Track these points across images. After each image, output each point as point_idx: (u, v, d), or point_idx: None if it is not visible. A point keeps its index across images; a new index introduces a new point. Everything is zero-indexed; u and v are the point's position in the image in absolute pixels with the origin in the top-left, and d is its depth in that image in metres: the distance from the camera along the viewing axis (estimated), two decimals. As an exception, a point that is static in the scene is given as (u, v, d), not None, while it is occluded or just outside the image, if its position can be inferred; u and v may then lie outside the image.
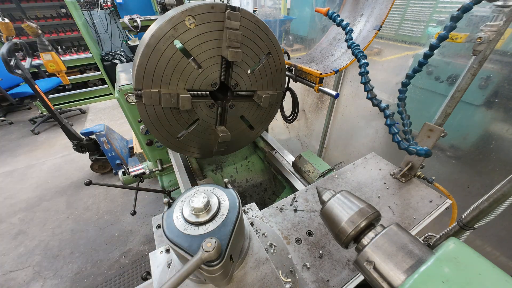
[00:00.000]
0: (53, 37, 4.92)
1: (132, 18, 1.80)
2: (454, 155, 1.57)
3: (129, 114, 1.73)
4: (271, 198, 1.90)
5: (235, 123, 1.32)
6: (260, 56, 1.16)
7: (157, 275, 0.64)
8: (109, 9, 5.50)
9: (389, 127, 0.88)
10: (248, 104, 1.29)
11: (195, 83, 1.06)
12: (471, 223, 0.75)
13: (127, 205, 2.96)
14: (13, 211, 2.93)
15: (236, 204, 0.52)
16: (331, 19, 1.06)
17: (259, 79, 1.22)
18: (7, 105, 5.03)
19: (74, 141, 3.02)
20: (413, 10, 1.61)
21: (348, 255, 0.86)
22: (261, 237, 0.82)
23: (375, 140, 2.11)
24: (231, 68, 1.11)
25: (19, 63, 2.55)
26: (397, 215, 1.00)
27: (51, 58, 2.60)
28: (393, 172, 1.18)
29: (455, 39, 0.91)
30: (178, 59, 0.97)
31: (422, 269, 0.42)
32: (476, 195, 1.50)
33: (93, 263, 2.36)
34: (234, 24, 0.98)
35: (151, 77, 0.96)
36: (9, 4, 4.46)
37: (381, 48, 1.88)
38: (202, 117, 1.19)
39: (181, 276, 0.38)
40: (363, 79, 0.90)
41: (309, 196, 1.10)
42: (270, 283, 0.56)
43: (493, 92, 1.31)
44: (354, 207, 0.55)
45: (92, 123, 4.80)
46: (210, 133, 1.27)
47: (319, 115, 2.65)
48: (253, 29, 1.07)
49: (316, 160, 1.45)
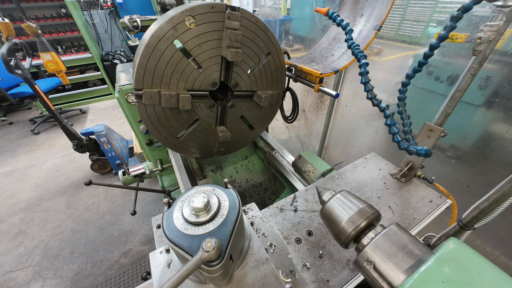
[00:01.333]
0: (53, 37, 4.92)
1: (132, 18, 1.80)
2: (454, 155, 1.57)
3: (129, 114, 1.73)
4: (271, 198, 1.90)
5: (235, 123, 1.32)
6: (260, 56, 1.16)
7: (157, 275, 0.64)
8: (109, 9, 5.50)
9: (389, 127, 0.88)
10: (248, 104, 1.29)
11: (195, 83, 1.06)
12: (471, 223, 0.75)
13: (127, 205, 2.96)
14: (13, 211, 2.93)
15: (236, 204, 0.52)
16: (331, 19, 1.06)
17: (259, 79, 1.22)
18: (7, 105, 5.03)
19: (74, 141, 3.02)
20: (413, 10, 1.61)
21: (348, 255, 0.86)
22: (261, 237, 0.82)
23: (375, 140, 2.11)
24: (231, 68, 1.11)
25: (19, 63, 2.55)
26: (397, 215, 1.00)
27: (51, 58, 2.60)
28: (393, 172, 1.18)
29: (455, 39, 0.91)
30: (178, 59, 0.97)
31: (422, 269, 0.42)
32: (476, 195, 1.50)
33: (93, 263, 2.36)
34: (234, 24, 0.98)
35: (151, 77, 0.96)
36: (9, 4, 4.46)
37: (381, 48, 1.88)
38: (202, 117, 1.19)
39: (181, 276, 0.38)
40: (363, 79, 0.90)
41: (309, 196, 1.10)
42: (270, 283, 0.56)
43: (493, 92, 1.31)
44: (354, 207, 0.55)
45: (92, 123, 4.80)
46: (210, 133, 1.27)
47: (319, 115, 2.65)
48: (253, 29, 1.07)
49: (316, 160, 1.45)
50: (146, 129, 1.77)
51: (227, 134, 1.23)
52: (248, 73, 1.17)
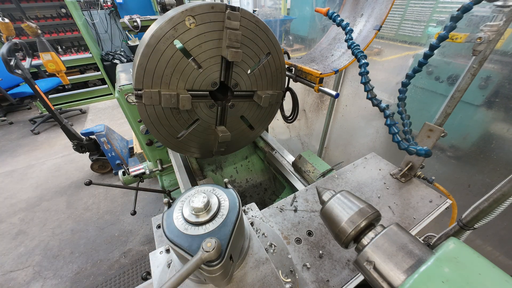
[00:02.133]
0: (53, 37, 4.92)
1: (132, 18, 1.80)
2: (454, 155, 1.57)
3: (129, 114, 1.73)
4: (271, 198, 1.90)
5: (235, 123, 1.32)
6: (260, 56, 1.16)
7: (157, 275, 0.64)
8: (109, 9, 5.50)
9: (389, 127, 0.88)
10: (248, 104, 1.29)
11: (195, 83, 1.06)
12: (471, 223, 0.75)
13: (127, 205, 2.96)
14: (13, 211, 2.93)
15: (236, 204, 0.52)
16: (331, 19, 1.05)
17: (259, 79, 1.22)
18: (7, 105, 5.03)
19: (74, 141, 3.02)
20: (413, 10, 1.60)
21: (348, 255, 0.86)
22: (261, 237, 0.82)
23: (375, 140, 2.11)
24: (231, 68, 1.11)
25: (19, 63, 2.55)
26: (397, 215, 1.00)
27: (51, 58, 2.60)
28: (393, 172, 1.18)
29: (455, 39, 0.91)
30: (178, 59, 0.97)
31: (422, 269, 0.42)
32: (476, 195, 1.50)
33: (93, 263, 2.36)
34: (234, 24, 0.98)
35: (151, 77, 0.96)
36: (9, 4, 4.46)
37: (381, 48, 1.88)
38: (202, 117, 1.19)
39: (181, 276, 0.38)
40: (363, 79, 0.90)
41: (309, 196, 1.10)
42: (270, 283, 0.56)
43: (493, 92, 1.31)
44: (354, 207, 0.55)
45: (92, 123, 4.80)
46: (210, 133, 1.27)
47: (319, 115, 2.65)
48: (253, 29, 1.06)
49: (316, 160, 1.45)
50: (146, 129, 1.77)
51: (227, 134, 1.23)
52: (248, 73, 1.17)
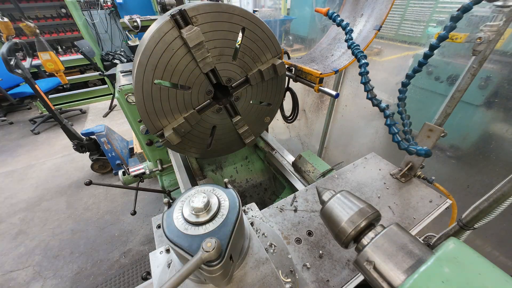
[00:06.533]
0: (53, 37, 4.92)
1: (132, 18, 1.80)
2: (454, 155, 1.57)
3: (129, 114, 1.73)
4: (271, 198, 1.90)
5: (248, 109, 1.31)
6: (235, 38, 1.07)
7: (157, 275, 0.64)
8: (109, 9, 5.51)
9: (389, 127, 0.88)
10: (251, 88, 1.24)
11: (193, 101, 1.11)
12: (471, 223, 0.75)
13: (127, 205, 2.96)
14: (13, 211, 2.93)
15: (236, 204, 0.52)
16: (331, 19, 1.05)
17: (246, 60, 1.15)
18: (7, 105, 5.03)
19: (74, 141, 3.02)
20: (413, 10, 1.61)
21: (348, 255, 0.86)
22: (261, 237, 0.82)
23: (375, 140, 2.11)
24: (215, 70, 1.08)
25: (19, 63, 2.55)
26: (397, 215, 1.00)
27: (49, 57, 2.61)
28: (393, 172, 1.18)
29: (455, 39, 0.91)
30: (168, 93, 1.02)
31: (422, 269, 0.42)
32: (476, 195, 1.50)
33: (93, 263, 2.36)
34: (192, 36, 0.92)
35: (156, 114, 1.06)
36: (9, 4, 4.46)
37: (381, 48, 1.88)
38: (217, 123, 1.23)
39: (181, 276, 0.38)
40: (363, 79, 0.89)
41: (309, 196, 1.10)
42: (270, 283, 0.56)
43: (493, 92, 1.31)
44: (354, 207, 0.55)
45: (92, 123, 4.80)
46: (232, 129, 1.33)
47: (319, 115, 2.65)
48: (214, 18, 0.98)
49: (316, 160, 1.45)
50: (146, 129, 1.77)
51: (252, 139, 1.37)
52: (232, 61, 1.11)
